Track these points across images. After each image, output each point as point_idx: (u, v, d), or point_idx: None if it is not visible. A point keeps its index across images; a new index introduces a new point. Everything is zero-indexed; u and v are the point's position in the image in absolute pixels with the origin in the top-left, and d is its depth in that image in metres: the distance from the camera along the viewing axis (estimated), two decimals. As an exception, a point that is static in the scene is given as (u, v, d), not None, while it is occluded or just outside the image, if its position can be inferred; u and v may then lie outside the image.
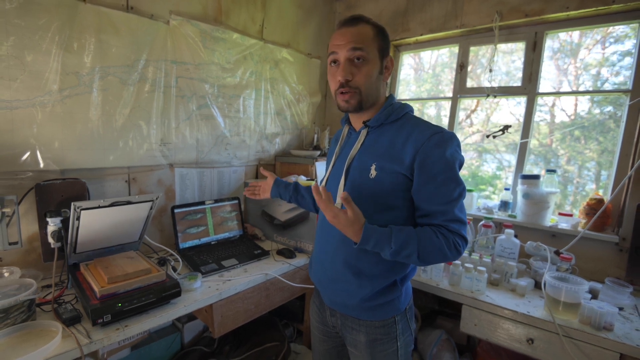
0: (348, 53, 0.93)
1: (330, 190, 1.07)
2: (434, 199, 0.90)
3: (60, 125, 1.38)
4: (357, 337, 1.06)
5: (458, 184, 0.90)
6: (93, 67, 1.43)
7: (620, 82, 1.82)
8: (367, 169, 0.97)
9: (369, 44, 0.94)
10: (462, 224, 0.91)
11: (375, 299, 1.00)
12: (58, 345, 0.95)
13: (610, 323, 1.26)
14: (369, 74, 0.95)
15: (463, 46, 2.20)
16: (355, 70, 0.94)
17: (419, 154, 0.89)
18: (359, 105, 0.97)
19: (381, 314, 1.02)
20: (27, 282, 1.11)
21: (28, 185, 1.32)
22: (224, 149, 2.04)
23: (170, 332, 1.82)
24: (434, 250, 0.88)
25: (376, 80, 0.97)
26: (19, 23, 1.23)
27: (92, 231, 1.24)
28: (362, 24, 0.95)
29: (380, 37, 0.97)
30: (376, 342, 1.04)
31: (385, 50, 0.98)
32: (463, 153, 0.96)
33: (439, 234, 0.89)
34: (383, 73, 0.99)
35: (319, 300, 1.19)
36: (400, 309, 1.04)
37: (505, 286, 1.61)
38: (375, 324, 1.03)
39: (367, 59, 0.94)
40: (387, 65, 1.00)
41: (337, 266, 1.04)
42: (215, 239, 1.82)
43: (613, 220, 1.77)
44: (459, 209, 0.92)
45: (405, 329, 1.06)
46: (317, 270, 1.13)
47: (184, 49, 1.74)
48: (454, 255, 0.90)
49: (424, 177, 0.90)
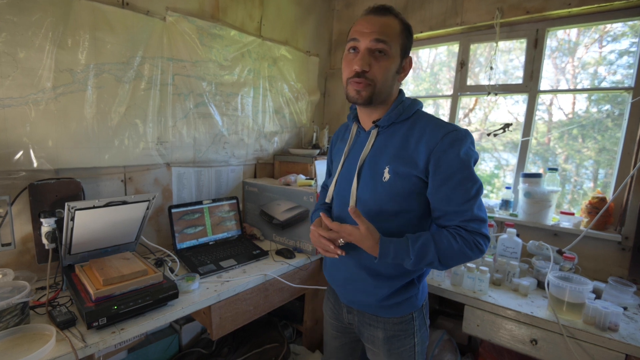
0: (370, 43, 0.88)
1: (341, 194, 1.06)
2: (451, 200, 0.89)
3: (54, 123, 1.35)
4: (375, 333, 1.05)
5: (475, 182, 0.88)
6: (88, 64, 1.40)
7: (618, 81, 1.82)
8: (380, 172, 0.95)
9: (393, 39, 0.90)
10: (482, 222, 0.89)
11: (393, 297, 1.00)
12: (52, 349, 0.93)
13: (615, 323, 1.25)
14: (387, 69, 0.91)
15: (463, 44, 2.18)
16: (374, 62, 0.90)
17: (433, 155, 0.88)
18: (370, 98, 0.93)
19: (399, 310, 1.02)
20: (20, 284, 1.09)
21: (21, 185, 1.29)
22: (222, 148, 2.02)
23: (168, 334, 1.79)
24: (454, 254, 0.87)
25: (392, 78, 0.94)
26: (10, 19, 1.20)
27: (87, 232, 1.22)
28: (391, 17, 0.91)
29: (406, 34, 0.94)
30: (394, 339, 1.03)
31: (407, 49, 0.95)
32: None
33: (457, 236, 0.87)
34: (400, 72, 0.96)
35: (334, 298, 1.18)
36: (418, 305, 1.04)
37: (507, 286, 1.60)
38: (393, 321, 1.03)
39: (389, 53, 0.90)
40: (405, 65, 0.97)
41: (351, 267, 1.04)
42: (213, 239, 1.80)
43: (615, 219, 1.76)
44: (478, 207, 0.89)
45: (422, 324, 1.06)
46: (332, 270, 1.13)
47: (181, 46, 1.71)
48: (476, 255, 0.89)
49: (440, 178, 0.88)
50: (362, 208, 0.98)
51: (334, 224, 0.94)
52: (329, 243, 0.96)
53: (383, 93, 0.94)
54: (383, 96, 0.95)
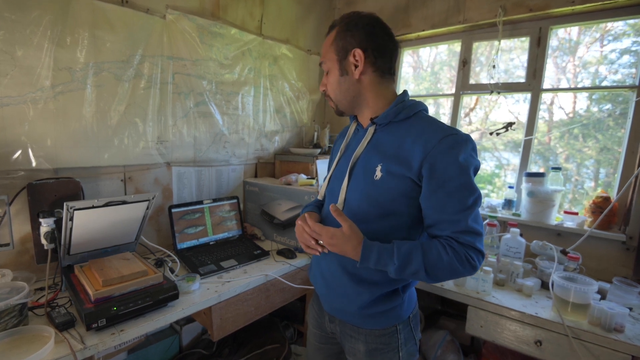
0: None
1: (333, 191, 1.03)
2: (445, 208, 0.82)
3: (53, 122, 1.34)
4: (356, 346, 1.00)
5: (472, 191, 0.82)
6: (87, 62, 1.38)
7: (619, 80, 1.81)
8: (372, 170, 0.90)
9: (327, 53, 0.96)
10: (476, 235, 0.82)
11: (374, 306, 0.94)
12: (51, 351, 0.91)
13: (621, 324, 1.23)
14: (332, 82, 0.97)
15: (466, 42, 2.16)
16: (326, 81, 0.99)
17: (428, 157, 0.82)
18: (340, 111, 1.01)
19: (381, 322, 0.97)
20: (18, 285, 1.07)
21: (20, 185, 1.27)
22: (222, 147, 2.00)
23: (168, 335, 1.78)
24: (443, 266, 0.81)
25: (343, 84, 0.94)
26: (9, 17, 1.19)
27: (86, 232, 1.20)
28: (330, 33, 0.96)
29: (340, 37, 0.92)
30: (376, 352, 0.98)
31: (344, 49, 0.92)
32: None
33: (448, 247, 0.81)
34: (347, 74, 0.93)
35: (318, 305, 1.13)
36: (403, 317, 0.98)
37: (511, 286, 1.58)
38: (375, 333, 0.97)
39: (329, 68, 0.96)
40: (349, 61, 0.91)
41: (334, 271, 0.99)
42: (213, 239, 1.78)
43: (619, 219, 1.74)
44: (474, 218, 0.82)
45: (409, 338, 1.00)
46: (316, 274, 1.08)
47: (181, 44, 1.69)
48: (467, 271, 0.82)
49: (434, 183, 0.82)
50: (350, 206, 0.94)
51: (316, 226, 0.90)
52: (310, 239, 0.93)
53: (344, 101, 0.97)
54: (346, 103, 0.98)
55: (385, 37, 0.92)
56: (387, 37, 0.93)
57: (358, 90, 0.95)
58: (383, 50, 0.92)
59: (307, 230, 0.93)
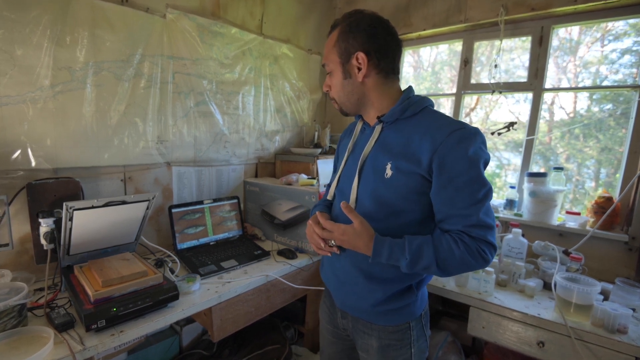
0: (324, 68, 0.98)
1: (343, 190, 1.03)
2: (455, 202, 0.82)
3: (53, 122, 1.33)
4: (369, 341, 1.01)
5: (483, 184, 0.82)
6: (86, 62, 1.38)
7: (620, 80, 1.80)
8: (382, 168, 0.90)
9: (329, 55, 0.95)
10: (488, 228, 0.82)
11: (388, 303, 0.95)
12: (50, 352, 0.91)
13: (624, 325, 1.22)
14: (335, 85, 0.96)
15: (467, 41, 2.15)
16: (329, 82, 0.98)
17: (437, 153, 0.81)
18: (344, 111, 1.01)
19: (395, 319, 0.97)
20: (18, 285, 1.07)
21: (19, 185, 1.27)
22: (223, 147, 2.00)
23: (169, 335, 1.78)
24: (455, 260, 0.81)
25: (347, 87, 0.94)
26: (8, 15, 1.18)
27: (86, 232, 1.19)
28: (333, 32, 0.94)
29: (342, 39, 0.91)
30: (389, 348, 0.99)
31: (346, 52, 0.91)
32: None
33: (460, 241, 0.81)
34: (350, 77, 0.92)
35: (330, 301, 1.14)
36: (416, 314, 0.99)
37: (513, 287, 1.57)
38: (388, 329, 0.98)
39: (332, 70, 0.95)
40: (352, 64, 0.91)
41: (347, 268, 0.99)
42: (214, 239, 1.78)
43: (621, 219, 1.73)
44: (485, 212, 0.82)
45: (420, 335, 1.01)
46: (328, 270, 1.09)
47: (181, 43, 1.68)
48: (479, 264, 0.83)
49: (444, 178, 0.82)
50: (362, 205, 0.94)
51: (327, 223, 0.91)
52: (321, 241, 0.94)
53: (348, 102, 0.97)
54: (351, 104, 0.97)
55: (387, 38, 0.91)
56: (390, 37, 0.92)
57: (362, 92, 0.94)
58: (386, 52, 0.91)
59: (317, 231, 0.94)
